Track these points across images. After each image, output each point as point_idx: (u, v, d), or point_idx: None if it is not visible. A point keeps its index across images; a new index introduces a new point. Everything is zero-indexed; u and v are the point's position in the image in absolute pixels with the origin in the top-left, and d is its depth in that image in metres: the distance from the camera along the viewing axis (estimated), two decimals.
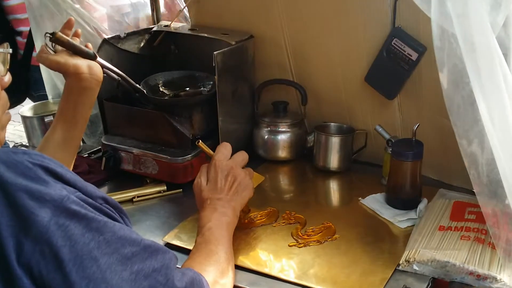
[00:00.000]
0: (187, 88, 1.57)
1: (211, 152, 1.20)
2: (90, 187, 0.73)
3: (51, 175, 0.68)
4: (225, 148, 1.19)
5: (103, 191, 0.77)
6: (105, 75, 1.22)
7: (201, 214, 1.09)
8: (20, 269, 0.62)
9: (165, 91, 1.59)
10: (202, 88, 1.56)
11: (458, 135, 0.98)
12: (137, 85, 1.42)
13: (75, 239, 0.66)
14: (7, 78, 0.84)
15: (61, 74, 1.14)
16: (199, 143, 1.21)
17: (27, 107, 1.79)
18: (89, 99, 1.15)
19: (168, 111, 1.45)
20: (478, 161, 0.96)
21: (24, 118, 1.72)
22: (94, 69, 1.14)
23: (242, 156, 1.19)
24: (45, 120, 1.68)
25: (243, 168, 1.18)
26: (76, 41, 1.16)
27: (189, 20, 1.72)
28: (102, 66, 1.20)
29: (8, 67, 0.85)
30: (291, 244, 1.18)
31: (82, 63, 1.13)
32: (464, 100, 0.94)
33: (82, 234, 0.66)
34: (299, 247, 1.17)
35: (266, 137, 1.56)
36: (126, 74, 1.35)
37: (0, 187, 0.64)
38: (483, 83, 0.90)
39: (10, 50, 0.87)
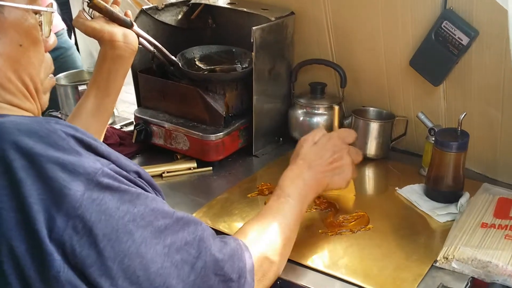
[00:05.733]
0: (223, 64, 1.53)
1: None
2: (124, 160, 0.71)
3: (84, 147, 0.66)
4: (350, 133, 1.12)
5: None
6: (140, 46, 1.19)
7: (286, 173, 1.02)
8: (52, 244, 0.60)
9: (201, 66, 1.55)
10: (237, 65, 1.51)
11: None
12: (173, 58, 1.39)
13: (110, 213, 0.63)
14: (52, 40, 0.79)
15: (96, 40, 1.11)
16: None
17: (61, 75, 1.77)
18: (122, 67, 1.12)
19: (202, 86, 1.41)
20: None
21: (58, 86, 1.70)
22: (129, 37, 1.12)
23: (359, 153, 1.13)
24: (79, 89, 1.66)
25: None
26: (115, 9, 1.13)
27: None
28: (138, 35, 1.17)
29: (51, 28, 0.80)
30: (321, 231, 1.13)
31: (117, 31, 1.10)
32: None
33: (117, 207, 0.64)
34: (330, 235, 1.12)
35: (301, 118, 1.51)
36: (162, 46, 1.32)
37: (30, 159, 0.61)
38: None
39: (54, 10, 0.83)
